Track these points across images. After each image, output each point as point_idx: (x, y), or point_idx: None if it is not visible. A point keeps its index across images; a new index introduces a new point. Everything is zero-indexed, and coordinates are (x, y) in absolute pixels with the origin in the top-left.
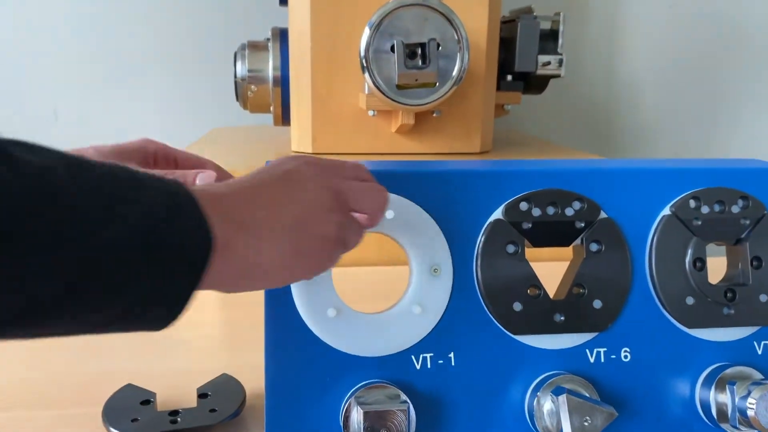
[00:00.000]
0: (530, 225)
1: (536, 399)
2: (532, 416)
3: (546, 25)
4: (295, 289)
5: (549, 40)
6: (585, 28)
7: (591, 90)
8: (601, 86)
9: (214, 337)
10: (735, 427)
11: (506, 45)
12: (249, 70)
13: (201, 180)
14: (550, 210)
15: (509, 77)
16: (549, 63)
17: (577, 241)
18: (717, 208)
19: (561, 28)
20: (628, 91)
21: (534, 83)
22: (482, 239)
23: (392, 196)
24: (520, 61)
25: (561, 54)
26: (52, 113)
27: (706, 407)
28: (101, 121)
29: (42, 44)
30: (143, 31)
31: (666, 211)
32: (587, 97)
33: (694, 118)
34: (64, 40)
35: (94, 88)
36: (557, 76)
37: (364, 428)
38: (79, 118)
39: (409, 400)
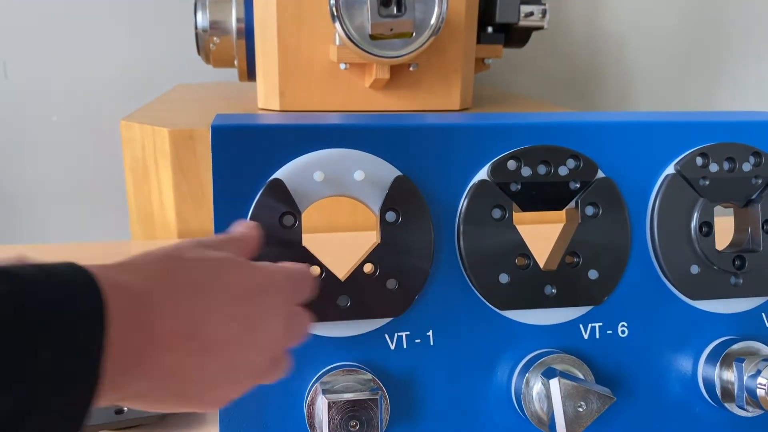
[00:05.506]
0: (519, 186)
1: (524, 381)
2: (519, 400)
3: None
4: None
5: None
6: None
7: (574, 44)
8: (585, 40)
9: None
10: (742, 407)
11: None
12: (211, 21)
13: None
14: (542, 169)
15: (490, 29)
16: (531, 14)
17: (572, 204)
18: (726, 165)
19: None
20: (613, 46)
21: (516, 36)
22: (465, 203)
23: (362, 155)
24: (501, 11)
25: (544, 4)
26: (1, 67)
27: (709, 386)
28: (55, 75)
29: None
30: None
31: (670, 169)
32: (570, 51)
33: (682, 74)
34: None
35: (47, 40)
36: (540, 28)
37: (329, 419)
38: (30, 73)
39: (382, 386)
